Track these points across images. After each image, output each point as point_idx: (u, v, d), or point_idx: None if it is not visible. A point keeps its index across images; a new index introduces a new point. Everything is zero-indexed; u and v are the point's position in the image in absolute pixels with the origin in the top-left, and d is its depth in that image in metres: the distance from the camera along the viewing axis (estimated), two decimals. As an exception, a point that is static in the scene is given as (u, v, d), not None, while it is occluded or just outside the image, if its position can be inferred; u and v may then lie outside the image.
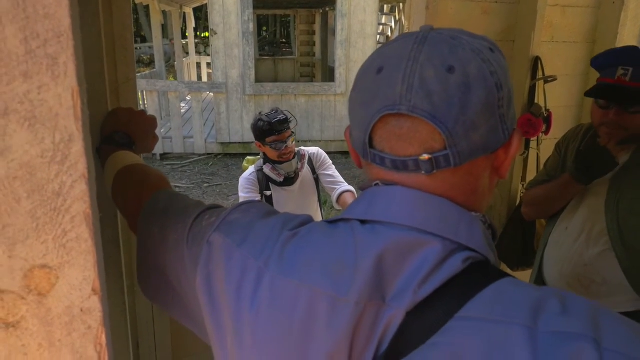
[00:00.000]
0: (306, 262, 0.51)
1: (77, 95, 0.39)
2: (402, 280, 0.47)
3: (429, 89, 0.47)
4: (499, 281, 0.46)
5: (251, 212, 0.61)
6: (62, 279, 0.42)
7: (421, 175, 0.50)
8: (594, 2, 1.99)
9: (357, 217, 0.52)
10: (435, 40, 0.49)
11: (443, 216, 0.49)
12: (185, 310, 0.65)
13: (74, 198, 0.40)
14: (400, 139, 0.49)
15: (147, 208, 0.70)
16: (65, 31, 0.37)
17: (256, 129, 2.15)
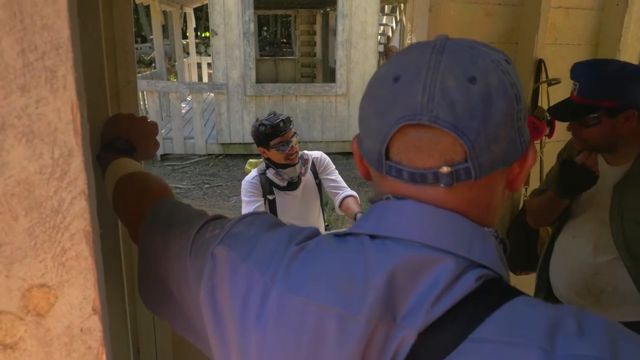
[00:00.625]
0: (314, 278, 0.50)
1: (76, 108, 0.37)
2: (414, 299, 0.45)
3: (451, 99, 0.45)
4: (513, 300, 0.44)
5: (256, 224, 0.60)
6: (61, 299, 0.40)
7: (439, 188, 0.48)
8: (598, 4, 1.97)
9: (366, 231, 0.51)
10: (453, 50, 0.47)
11: (456, 232, 0.47)
12: (188, 322, 0.64)
13: (74, 215, 0.39)
14: (419, 151, 0.47)
15: (148, 217, 0.69)
16: (64, 43, 0.36)
17: (258, 134, 2.13)
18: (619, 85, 1.31)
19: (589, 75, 1.35)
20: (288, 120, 2.12)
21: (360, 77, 7.35)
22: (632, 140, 1.38)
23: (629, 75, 1.32)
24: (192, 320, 0.63)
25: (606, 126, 1.34)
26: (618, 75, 1.32)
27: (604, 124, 1.33)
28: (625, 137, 1.37)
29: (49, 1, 0.35)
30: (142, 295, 0.70)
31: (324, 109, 7.46)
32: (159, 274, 0.66)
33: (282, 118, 2.10)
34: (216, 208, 5.46)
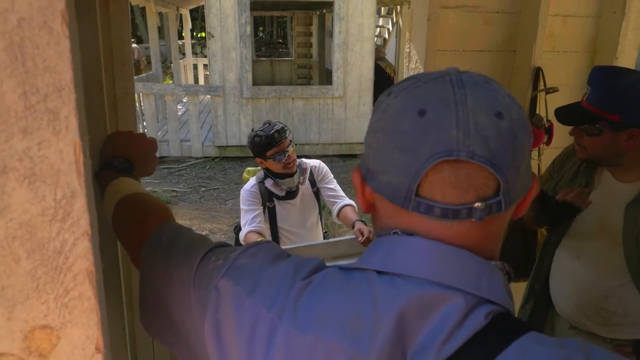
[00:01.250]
0: (322, 316, 0.49)
1: (79, 149, 0.37)
2: (424, 337, 0.45)
3: (485, 134, 0.46)
4: (523, 338, 0.44)
5: (260, 255, 0.59)
6: (63, 339, 0.40)
7: (466, 223, 0.48)
8: (595, 11, 1.98)
9: (373, 267, 0.50)
10: (473, 84, 0.48)
11: (464, 269, 0.48)
12: (190, 351, 0.63)
13: (76, 256, 0.38)
14: (455, 187, 0.47)
15: (150, 243, 0.68)
16: (66, 84, 0.36)
17: (254, 146, 2.12)
18: (626, 101, 1.25)
19: (600, 83, 1.29)
20: (283, 130, 2.11)
21: (357, 80, 7.35)
22: (639, 157, 1.32)
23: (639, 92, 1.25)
24: (194, 350, 0.62)
25: (607, 139, 1.28)
26: (628, 90, 1.25)
27: (605, 136, 1.28)
28: (629, 155, 1.31)
29: (51, 43, 0.34)
30: (143, 322, 0.69)
31: (320, 112, 7.45)
32: (161, 300, 0.65)
33: (277, 128, 2.09)
34: (213, 211, 5.45)
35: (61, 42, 0.35)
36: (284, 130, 2.12)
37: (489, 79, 0.50)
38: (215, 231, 4.91)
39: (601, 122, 1.27)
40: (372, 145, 0.52)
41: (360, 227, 2.06)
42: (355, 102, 7.45)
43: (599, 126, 1.28)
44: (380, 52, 8.13)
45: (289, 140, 2.14)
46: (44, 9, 0.34)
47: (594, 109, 1.28)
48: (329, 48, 9.18)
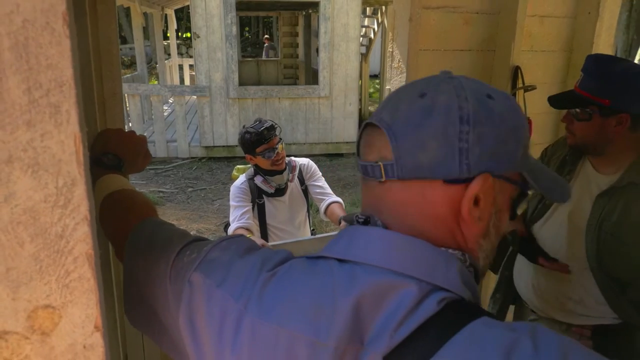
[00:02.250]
0: (285, 305, 0.52)
1: (79, 140, 0.40)
2: (379, 323, 0.47)
3: (397, 106, 0.54)
4: (474, 322, 0.46)
5: (231, 249, 0.61)
6: (65, 318, 0.43)
7: (379, 183, 0.54)
8: (571, 12, 2.04)
9: (336, 255, 0.53)
10: (435, 77, 0.55)
11: (419, 258, 0.50)
12: (172, 341, 0.65)
13: (77, 240, 0.41)
14: (365, 146, 0.56)
15: (132, 238, 0.70)
16: (67, 80, 0.39)
17: (244, 142, 2.15)
18: (618, 86, 1.27)
19: (593, 69, 1.32)
20: (272, 127, 2.15)
21: (343, 79, 7.41)
22: (623, 148, 1.34)
23: (631, 77, 1.27)
24: (175, 340, 0.64)
25: (596, 124, 1.30)
26: (620, 75, 1.28)
27: (594, 121, 1.30)
28: (616, 143, 1.33)
29: (53, 42, 0.37)
30: (127, 314, 0.71)
31: (307, 111, 7.49)
32: (143, 294, 0.67)
33: (267, 125, 2.13)
34: (200, 212, 5.45)
35: (62, 42, 0.38)
36: (274, 128, 2.16)
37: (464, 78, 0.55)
38: (203, 231, 4.91)
39: (591, 106, 1.30)
40: None
41: None
42: (341, 102, 7.50)
43: (589, 110, 1.31)
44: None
45: (279, 138, 2.17)
46: (47, 11, 0.37)
47: (585, 93, 1.31)
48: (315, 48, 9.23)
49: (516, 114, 0.54)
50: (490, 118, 0.51)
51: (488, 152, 0.51)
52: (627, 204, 1.32)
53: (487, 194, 0.52)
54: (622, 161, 1.36)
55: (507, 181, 0.54)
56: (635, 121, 1.29)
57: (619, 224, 1.32)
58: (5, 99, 0.37)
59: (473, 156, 0.50)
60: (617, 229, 1.32)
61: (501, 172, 0.53)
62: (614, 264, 1.34)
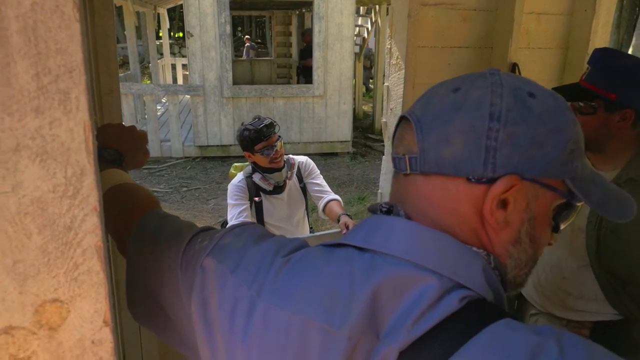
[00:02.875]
0: (300, 292, 0.51)
1: (89, 128, 0.39)
2: (397, 316, 0.46)
3: (430, 101, 0.53)
4: (496, 323, 0.44)
5: (244, 235, 0.61)
6: (73, 312, 0.41)
7: (405, 176, 0.54)
8: (567, 9, 2.05)
9: (356, 243, 0.52)
10: (480, 74, 0.53)
11: (443, 252, 0.49)
12: (179, 335, 0.64)
13: (86, 231, 0.40)
14: (398, 139, 0.56)
15: (137, 231, 0.69)
16: (77, 66, 0.37)
17: (243, 139, 2.14)
18: (625, 80, 1.26)
19: (600, 62, 1.30)
20: (272, 124, 2.14)
21: (337, 79, 7.40)
22: (623, 145, 1.34)
23: (639, 73, 1.26)
24: (183, 333, 0.63)
25: (601, 119, 1.29)
26: (628, 70, 1.26)
27: (599, 115, 1.29)
28: (617, 140, 1.32)
29: (62, 26, 0.36)
30: (131, 309, 0.70)
31: (301, 111, 7.48)
32: (149, 287, 0.66)
33: (266, 123, 2.12)
34: (195, 211, 5.42)
35: (72, 26, 0.36)
36: (273, 125, 2.15)
37: (507, 75, 0.52)
38: (198, 231, 4.88)
39: (597, 100, 1.28)
40: None
41: (346, 221, 2.10)
42: (335, 101, 7.49)
43: (594, 104, 1.29)
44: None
45: (278, 136, 2.17)
46: (56, -6, 0.36)
47: (592, 86, 1.30)
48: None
49: (560, 116, 0.51)
50: (527, 117, 0.48)
51: (519, 153, 0.48)
52: None
53: (518, 198, 0.49)
54: (621, 158, 1.35)
55: (546, 188, 0.50)
56: (638, 117, 1.28)
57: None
58: (13, 84, 0.36)
59: (501, 155, 0.48)
60: (617, 226, 1.31)
61: (535, 177, 0.49)
62: (614, 261, 1.34)
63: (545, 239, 0.55)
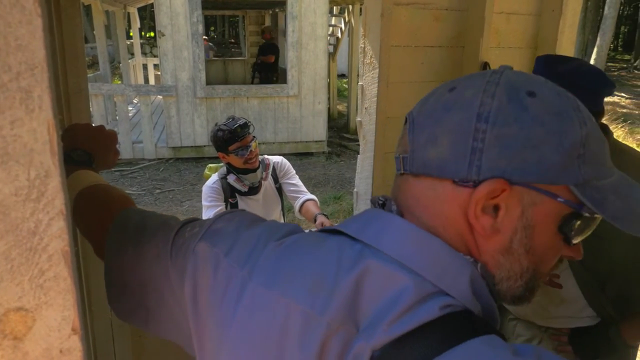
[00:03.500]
0: (288, 275, 0.51)
1: (53, 128, 0.37)
2: (376, 311, 0.45)
3: (428, 100, 0.53)
4: (475, 340, 0.41)
5: (235, 220, 0.61)
6: (39, 321, 0.40)
7: (400, 175, 0.54)
8: (536, 10, 2.10)
9: (349, 232, 0.52)
10: (483, 72, 0.52)
11: (431, 256, 0.47)
12: (165, 326, 0.64)
13: (51, 236, 0.38)
14: (399, 139, 0.55)
15: (115, 228, 0.68)
16: (39, 63, 0.36)
17: (217, 140, 2.11)
18: (570, 86, 1.18)
19: (544, 70, 1.31)
20: (246, 125, 2.12)
21: (311, 78, 7.40)
22: None
23: (582, 75, 1.26)
24: (172, 322, 0.63)
25: None
26: (571, 74, 1.26)
27: None
28: None
29: (23, 22, 0.34)
30: (112, 306, 0.69)
31: (276, 110, 7.44)
32: (130, 282, 0.66)
33: (240, 123, 2.10)
34: (169, 213, 5.32)
35: (33, 21, 0.35)
36: (247, 126, 2.13)
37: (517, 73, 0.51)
38: (172, 233, 4.81)
39: None
40: None
41: (323, 221, 2.10)
42: (310, 101, 7.49)
43: None
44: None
45: (252, 136, 2.14)
46: (15, -13, 0.34)
47: None
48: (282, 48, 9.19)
49: (564, 117, 0.47)
50: (520, 118, 0.45)
51: (509, 155, 0.45)
52: None
53: (510, 204, 0.46)
54: None
55: (544, 194, 0.46)
56: (593, 114, 1.31)
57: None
58: (-31, 83, 0.34)
59: (487, 158, 0.45)
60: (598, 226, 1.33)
61: (530, 182, 0.46)
62: (595, 260, 1.35)
63: (553, 251, 0.51)
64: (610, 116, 9.41)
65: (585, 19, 12.26)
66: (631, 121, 9.93)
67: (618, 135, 7.75)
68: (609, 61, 18.68)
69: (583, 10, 11.90)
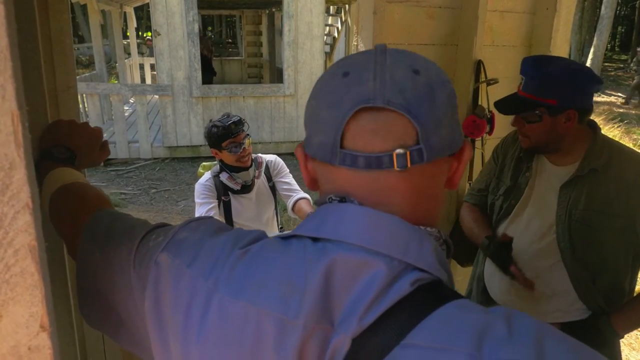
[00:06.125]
0: (256, 283, 0.50)
1: (17, 119, 0.36)
2: (350, 303, 0.45)
3: (400, 85, 0.48)
4: (447, 305, 0.44)
5: (200, 229, 0.59)
6: (6, 317, 0.38)
7: (392, 173, 0.49)
8: (530, 8, 2.09)
9: (308, 234, 0.51)
10: (395, 51, 0.52)
11: (392, 234, 0.48)
12: (132, 337, 0.62)
13: (17, 230, 0.37)
14: (375, 134, 0.48)
15: (87, 230, 0.66)
16: (2, 51, 0.34)
17: (210, 136, 2.11)
18: (560, 84, 1.30)
19: (533, 71, 1.34)
20: (240, 122, 2.11)
21: (308, 78, 7.38)
22: (576, 140, 1.37)
23: (571, 74, 1.31)
24: (136, 334, 0.61)
25: (547, 124, 1.33)
26: (560, 74, 1.31)
27: (545, 121, 1.33)
28: (569, 137, 1.36)
29: (-16, 8, 0.33)
30: (83, 311, 0.67)
31: (272, 110, 7.43)
32: (100, 288, 0.64)
33: (234, 120, 2.09)
34: (164, 213, 5.31)
35: (-5, 8, 0.34)
36: (242, 123, 2.12)
37: (412, 53, 0.53)
38: (168, 233, 4.79)
39: (539, 107, 1.33)
40: (307, 112, 0.55)
41: None
42: (306, 100, 7.46)
43: (538, 112, 1.33)
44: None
45: (246, 134, 2.13)
46: (-25, -28, 0.33)
47: (531, 96, 1.34)
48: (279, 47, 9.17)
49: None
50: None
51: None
52: (591, 191, 1.36)
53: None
54: (577, 151, 1.40)
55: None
56: (581, 114, 1.33)
57: (586, 210, 1.35)
58: None
59: (459, 126, 0.53)
60: (586, 215, 1.35)
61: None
62: (586, 251, 1.37)
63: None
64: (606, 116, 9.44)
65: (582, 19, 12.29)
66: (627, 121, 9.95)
67: (614, 135, 7.76)
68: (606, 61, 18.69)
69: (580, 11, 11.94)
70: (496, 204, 1.61)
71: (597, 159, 1.36)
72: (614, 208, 1.33)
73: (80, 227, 0.67)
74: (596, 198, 1.35)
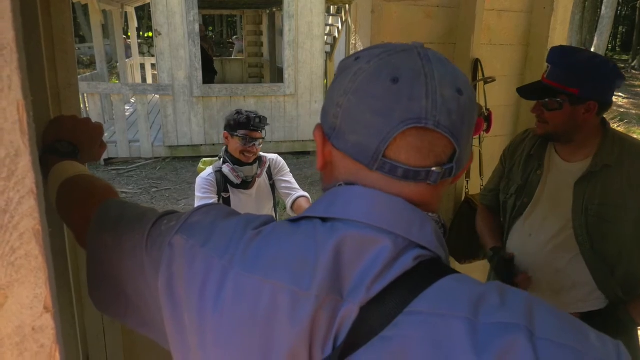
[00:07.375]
0: (270, 259, 0.53)
1: (22, 108, 0.38)
2: (358, 275, 0.50)
3: (448, 107, 0.51)
4: (445, 278, 0.50)
5: (212, 213, 0.62)
6: (11, 298, 0.40)
7: (424, 185, 0.54)
8: (527, 7, 2.10)
9: (318, 214, 0.55)
10: (437, 60, 0.53)
11: (397, 214, 0.52)
12: (142, 317, 0.65)
13: (22, 214, 0.39)
14: (419, 152, 0.52)
15: (96, 218, 0.69)
16: (8, 44, 0.36)
17: (231, 119, 2.16)
18: (585, 74, 1.33)
19: (559, 60, 1.38)
20: (265, 120, 2.17)
21: (308, 77, 7.40)
22: (589, 134, 1.41)
23: (596, 66, 1.34)
24: (146, 314, 0.64)
25: (567, 113, 1.36)
26: (586, 64, 1.34)
27: (565, 110, 1.36)
28: (585, 129, 1.39)
29: (-9, 2, 0.35)
30: (92, 296, 0.70)
31: (272, 110, 7.45)
32: (111, 273, 0.66)
33: (261, 116, 2.16)
34: (165, 212, 5.33)
35: (2, 2, 0.35)
36: (264, 123, 2.17)
37: (446, 58, 0.56)
38: (168, 232, 4.81)
39: (561, 95, 1.36)
40: (341, 105, 0.54)
41: None
42: (307, 100, 7.49)
43: (560, 100, 1.36)
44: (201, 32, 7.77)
45: (262, 137, 2.18)
46: (-17, -32, 0.35)
47: (554, 83, 1.37)
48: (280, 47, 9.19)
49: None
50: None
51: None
52: (605, 186, 1.39)
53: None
54: (588, 147, 1.43)
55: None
56: (600, 107, 1.36)
57: (602, 205, 1.39)
58: (-61, 62, 0.35)
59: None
60: (602, 210, 1.39)
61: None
62: (604, 244, 1.40)
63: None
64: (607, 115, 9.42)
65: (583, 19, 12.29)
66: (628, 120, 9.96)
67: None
68: (607, 61, 18.61)
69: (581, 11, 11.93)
70: (508, 203, 1.64)
71: (609, 155, 1.40)
72: (628, 201, 1.36)
73: (89, 216, 0.69)
74: (611, 192, 1.38)
